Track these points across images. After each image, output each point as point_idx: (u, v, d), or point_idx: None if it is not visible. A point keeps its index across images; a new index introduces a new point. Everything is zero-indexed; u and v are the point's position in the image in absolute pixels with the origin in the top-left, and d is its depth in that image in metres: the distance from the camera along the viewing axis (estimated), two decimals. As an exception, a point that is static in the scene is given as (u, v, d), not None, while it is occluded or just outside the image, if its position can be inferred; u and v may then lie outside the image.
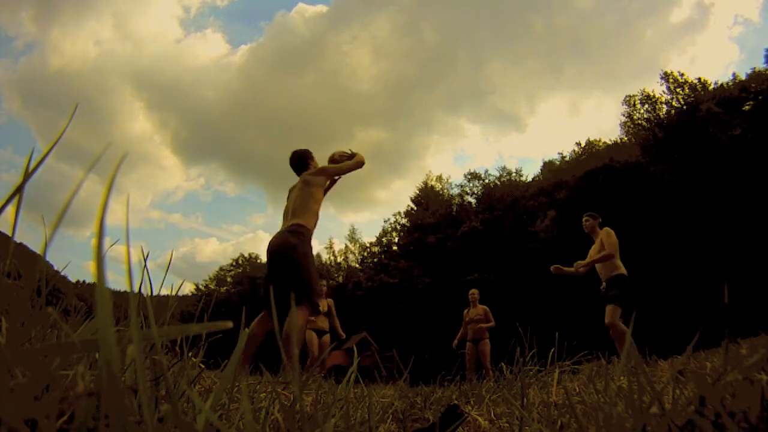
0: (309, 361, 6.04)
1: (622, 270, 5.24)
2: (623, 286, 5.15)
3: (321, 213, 3.74)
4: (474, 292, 7.95)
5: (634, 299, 5.05)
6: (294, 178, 3.96)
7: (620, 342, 4.77)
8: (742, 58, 58.43)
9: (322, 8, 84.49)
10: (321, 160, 4.13)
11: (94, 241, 0.35)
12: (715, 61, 59.92)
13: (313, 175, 3.73)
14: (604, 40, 64.43)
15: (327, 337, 6.67)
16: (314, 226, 3.61)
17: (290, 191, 3.89)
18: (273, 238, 3.57)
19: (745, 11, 56.93)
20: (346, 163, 3.92)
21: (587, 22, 64.76)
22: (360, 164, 3.92)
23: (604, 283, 5.31)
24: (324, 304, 6.64)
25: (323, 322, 6.70)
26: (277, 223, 4.49)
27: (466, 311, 7.94)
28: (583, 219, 5.72)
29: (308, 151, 4.08)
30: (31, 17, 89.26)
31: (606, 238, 5.30)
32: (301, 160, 3.98)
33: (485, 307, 7.81)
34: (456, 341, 7.77)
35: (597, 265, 5.35)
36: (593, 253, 5.43)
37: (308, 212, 3.56)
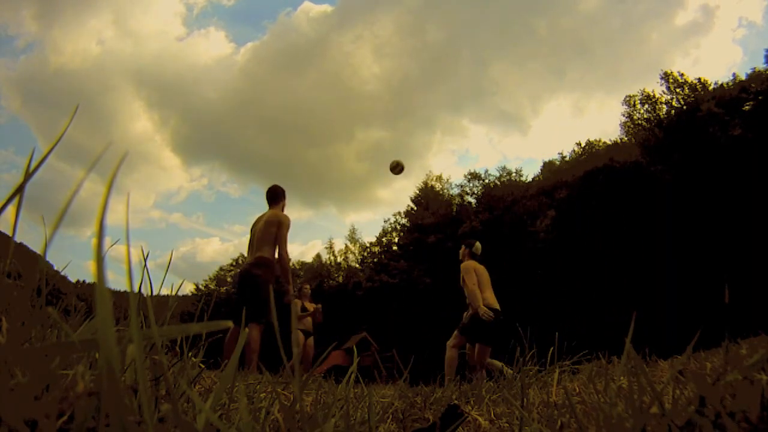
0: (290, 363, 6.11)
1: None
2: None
3: (321, 213, 4.04)
4: None
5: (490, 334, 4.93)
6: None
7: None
8: (745, 60, 58.71)
9: (326, 8, 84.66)
10: (324, 159, 4.30)
11: (94, 241, 0.35)
12: (718, 64, 60.17)
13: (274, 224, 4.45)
14: (609, 42, 64.60)
15: (311, 340, 6.75)
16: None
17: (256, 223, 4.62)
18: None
19: (749, 14, 57.04)
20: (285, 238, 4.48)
21: (591, 24, 64.93)
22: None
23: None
24: (307, 305, 6.78)
25: (309, 324, 6.77)
26: None
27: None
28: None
29: (283, 191, 4.81)
30: (32, 15, 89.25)
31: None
32: (274, 196, 4.72)
33: None
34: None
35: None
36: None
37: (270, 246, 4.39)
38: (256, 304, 4.08)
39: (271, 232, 4.40)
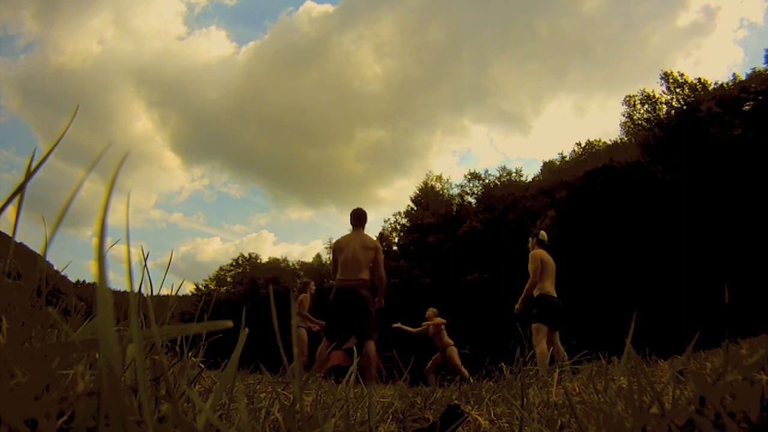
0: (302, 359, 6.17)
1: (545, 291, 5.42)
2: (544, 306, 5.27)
3: (322, 213, 4.14)
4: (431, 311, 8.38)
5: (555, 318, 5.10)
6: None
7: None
8: (746, 61, 58.77)
9: (328, 7, 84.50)
10: (324, 159, 4.30)
11: (95, 241, 0.35)
12: (720, 65, 60.20)
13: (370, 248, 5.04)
14: (610, 43, 64.55)
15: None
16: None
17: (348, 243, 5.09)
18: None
19: (750, 14, 56.99)
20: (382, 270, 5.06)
21: (593, 25, 64.87)
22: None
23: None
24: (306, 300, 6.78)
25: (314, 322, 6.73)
26: (278, 223, 4.88)
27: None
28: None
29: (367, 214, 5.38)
30: (32, 14, 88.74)
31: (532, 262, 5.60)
32: (361, 220, 5.28)
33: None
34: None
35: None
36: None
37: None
38: (368, 323, 4.77)
39: (369, 256, 4.98)
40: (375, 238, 5.19)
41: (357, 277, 4.91)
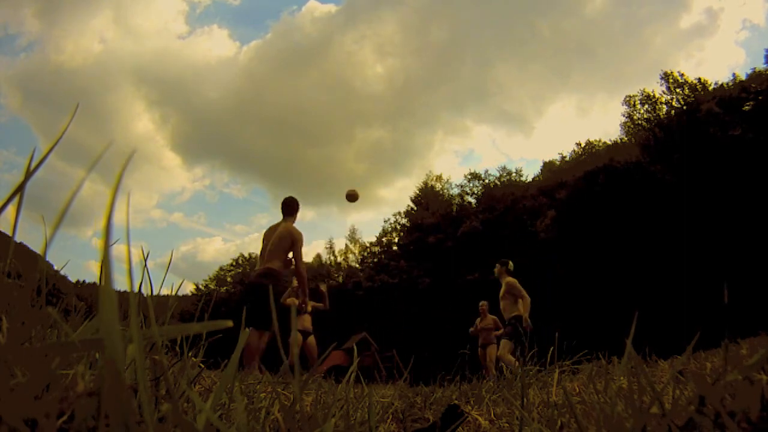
0: (289, 362, 6.13)
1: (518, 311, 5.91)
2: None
3: (323, 213, 4.09)
4: (483, 304, 8.25)
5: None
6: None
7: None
8: (748, 62, 58.90)
9: (331, 7, 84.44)
10: (325, 158, 4.37)
11: (100, 242, 0.35)
12: (721, 66, 60.45)
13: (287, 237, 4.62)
14: (612, 45, 64.71)
15: (312, 339, 6.72)
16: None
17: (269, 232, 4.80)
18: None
19: (752, 16, 57.18)
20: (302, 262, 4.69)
21: (595, 27, 65.08)
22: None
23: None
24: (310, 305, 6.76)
25: (308, 323, 6.71)
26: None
27: (477, 320, 8.28)
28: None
29: (299, 204, 4.94)
30: (32, 14, 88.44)
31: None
32: (290, 209, 4.84)
33: (494, 317, 8.14)
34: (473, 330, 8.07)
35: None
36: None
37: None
38: (262, 312, 4.19)
39: (283, 246, 4.57)
40: (297, 228, 4.71)
41: (265, 266, 4.56)
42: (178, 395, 0.73)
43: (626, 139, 33.04)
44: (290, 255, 4.61)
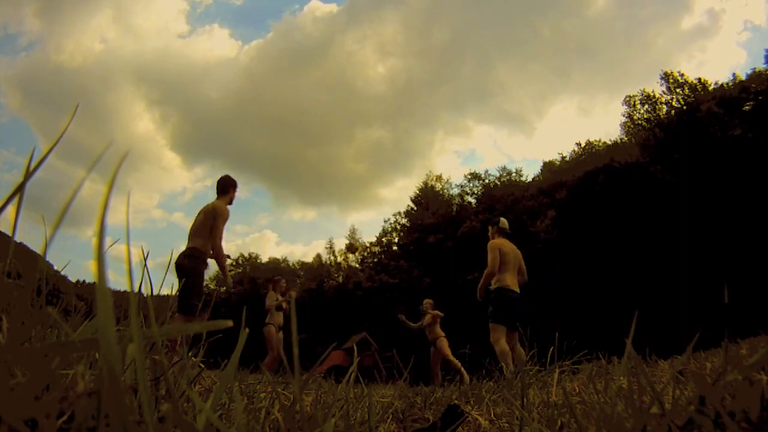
0: (269, 357, 6.15)
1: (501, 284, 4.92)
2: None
3: (323, 213, 3.98)
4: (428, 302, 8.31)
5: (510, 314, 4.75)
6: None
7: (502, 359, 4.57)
8: (749, 63, 58.96)
9: (333, 7, 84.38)
10: (326, 158, 4.27)
11: (94, 240, 0.35)
12: (723, 67, 60.65)
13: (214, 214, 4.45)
14: (614, 45, 64.77)
15: (281, 334, 6.70)
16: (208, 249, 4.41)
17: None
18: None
19: (754, 17, 57.18)
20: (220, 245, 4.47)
21: (597, 28, 65.14)
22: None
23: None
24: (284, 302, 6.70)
25: (280, 318, 6.68)
26: (280, 223, 4.78)
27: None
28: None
29: (234, 182, 4.80)
30: (33, 13, 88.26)
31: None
32: (222, 188, 4.68)
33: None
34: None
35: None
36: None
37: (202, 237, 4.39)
38: (182, 295, 3.93)
39: (206, 223, 4.37)
40: (223, 204, 4.52)
41: (187, 246, 4.34)
42: (178, 395, 0.73)
43: (626, 139, 33.05)
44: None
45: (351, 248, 43.64)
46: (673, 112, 29.47)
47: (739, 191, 22.71)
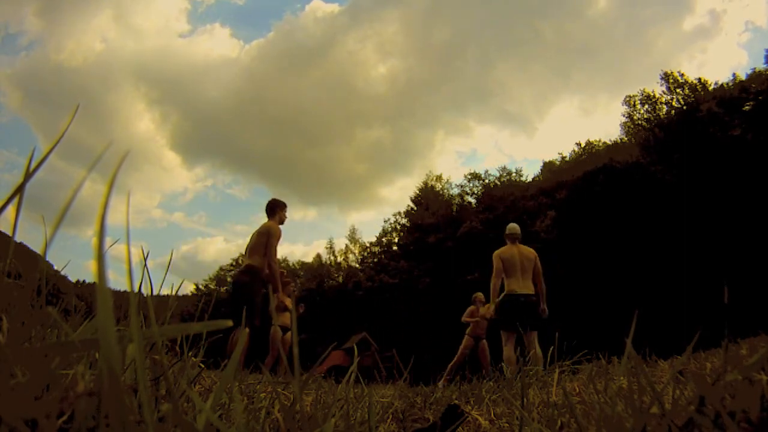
0: (270, 356, 6.22)
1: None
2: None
3: (324, 213, 4.10)
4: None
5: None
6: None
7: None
8: (750, 64, 58.97)
9: (335, 7, 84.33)
10: (326, 158, 4.34)
11: (94, 240, 0.35)
12: (724, 68, 60.75)
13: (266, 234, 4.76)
14: (615, 46, 64.78)
15: (289, 335, 6.71)
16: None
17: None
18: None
19: (755, 17, 57.15)
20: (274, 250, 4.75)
21: (599, 28, 65.11)
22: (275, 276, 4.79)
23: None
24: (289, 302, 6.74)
25: (287, 319, 6.70)
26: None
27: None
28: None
29: (282, 204, 5.03)
30: (33, 12, 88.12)
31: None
32: (270, 210, 4.96)
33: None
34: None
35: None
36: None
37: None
38: (236, 310, 4.34)
39: (261, 242, 4.74)
40: (275, 225, 4.84)
41: (244, 264, 4.80)
42: (178, 395, 0.73)
43: (626, 139, 33.06)
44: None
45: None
46: (673, 112, 29.47)
47: (739, 191, 22.71)
